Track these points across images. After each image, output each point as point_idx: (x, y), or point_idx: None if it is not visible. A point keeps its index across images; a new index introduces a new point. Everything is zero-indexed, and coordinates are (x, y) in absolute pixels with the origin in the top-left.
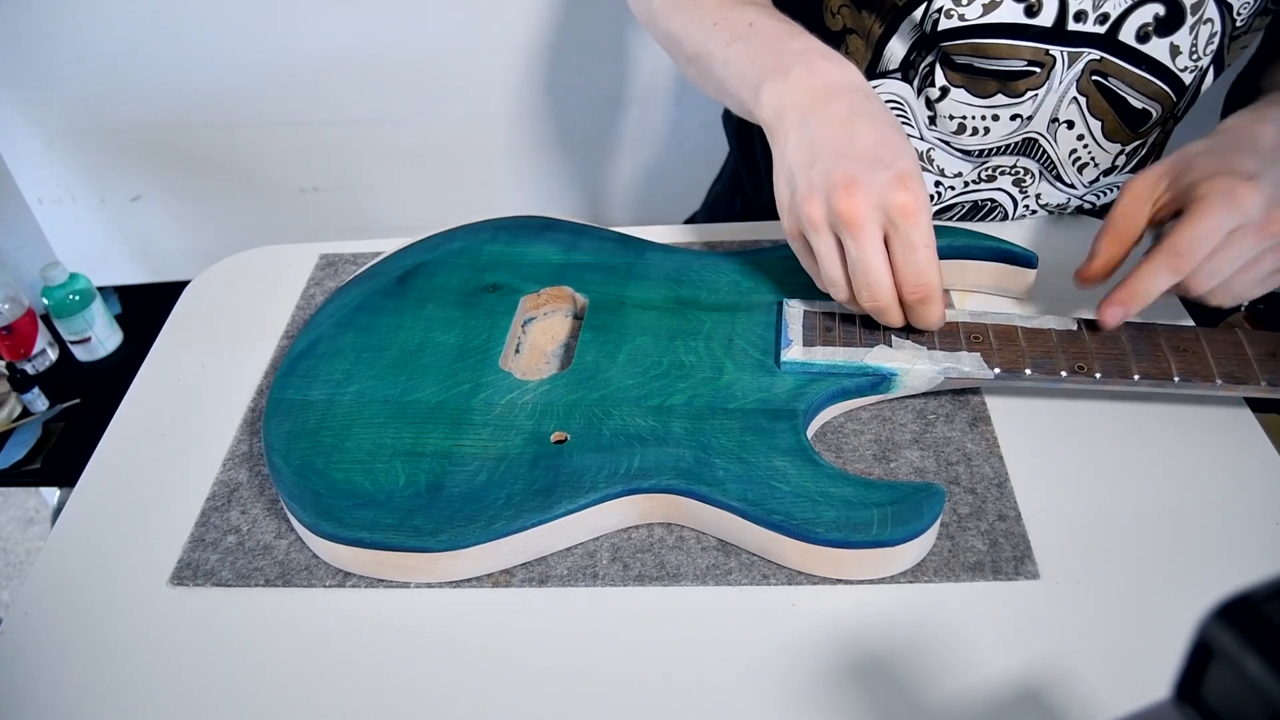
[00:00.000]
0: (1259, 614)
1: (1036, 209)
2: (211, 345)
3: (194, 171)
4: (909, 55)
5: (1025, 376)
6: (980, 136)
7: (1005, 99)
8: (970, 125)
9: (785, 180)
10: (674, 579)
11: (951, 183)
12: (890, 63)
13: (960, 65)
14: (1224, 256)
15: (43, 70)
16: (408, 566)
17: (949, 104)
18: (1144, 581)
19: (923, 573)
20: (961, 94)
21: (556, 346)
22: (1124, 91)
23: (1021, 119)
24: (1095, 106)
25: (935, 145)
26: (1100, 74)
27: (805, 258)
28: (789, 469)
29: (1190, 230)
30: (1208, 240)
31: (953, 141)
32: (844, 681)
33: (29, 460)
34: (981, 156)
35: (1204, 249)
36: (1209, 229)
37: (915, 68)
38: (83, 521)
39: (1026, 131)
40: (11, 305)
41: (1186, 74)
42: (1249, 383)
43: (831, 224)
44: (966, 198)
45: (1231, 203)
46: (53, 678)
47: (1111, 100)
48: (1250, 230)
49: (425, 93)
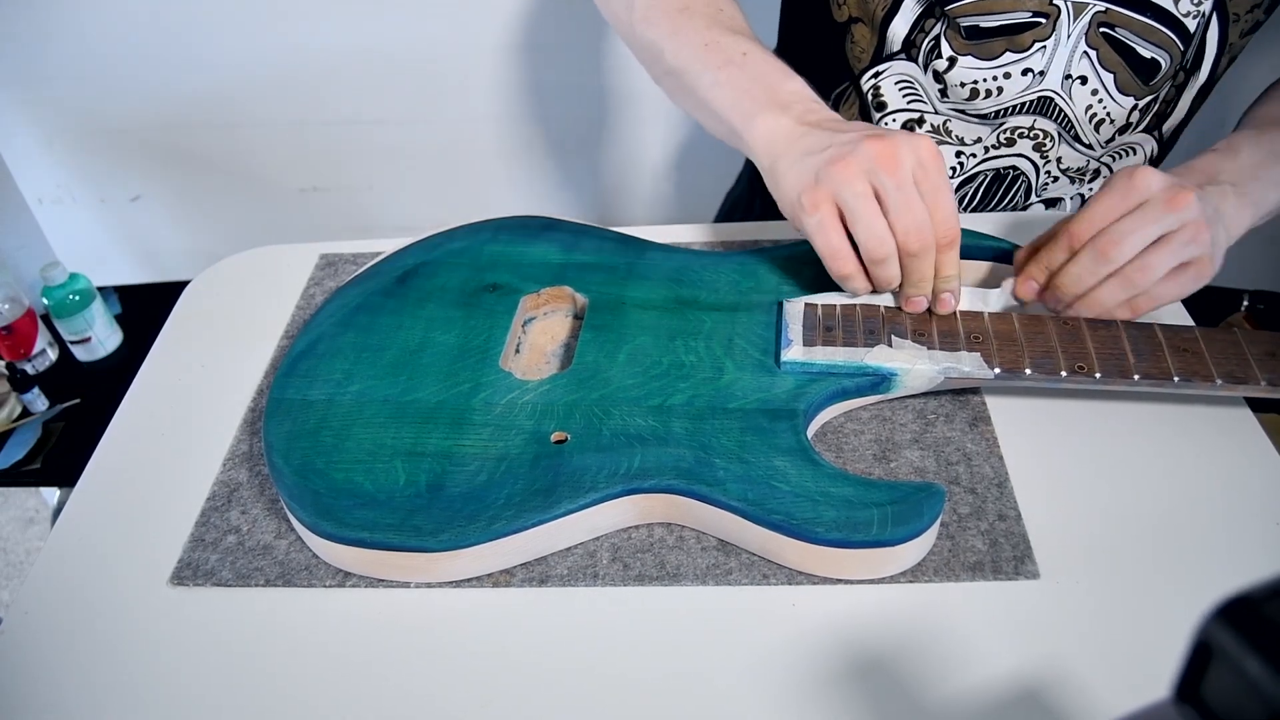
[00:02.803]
0: (1259, 614)
1: (1058, 175)
2: (211, 345)
3: (194, 171)
4: (911, 33)
5: (1025, 376)
6: (995, 98)
7: (1013, 55)
8: (983, 89)
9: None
10: (674, 579)
11: (973, 149)
12: (893, 44)
13: (966, 29)
14: (1127, 230)
15: (43, 70)
16: (408, 566)
17: (958, 72)
18: (1144, 581)
19: (923, 573)
20: (969, 60)
21: (557, 346)
22: (1132, 41)
23: (1033, 74)
24: (1106, 59)
25: (950, 117)
26: (1108, 25)
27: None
28: (789, 469)
29: (1084, 211)
30: (1104, 218)
31: (967, 109)
32: (844, 681)
33: (29, 460)
34: (999, 118)
35: (1099, 224)
36: (1102, 206)
37: (918, 45)
38: (83, 521)
39: (1041, 89)
40: (11, 305)
41: (1190, 19)
42: (1249, 382)
43: (868, 171)
44: (989, 165)
45: (1128, 183)
46: (53, 678)
47: (1121, 51)
48: (1154, 207)
49: (425, 93)
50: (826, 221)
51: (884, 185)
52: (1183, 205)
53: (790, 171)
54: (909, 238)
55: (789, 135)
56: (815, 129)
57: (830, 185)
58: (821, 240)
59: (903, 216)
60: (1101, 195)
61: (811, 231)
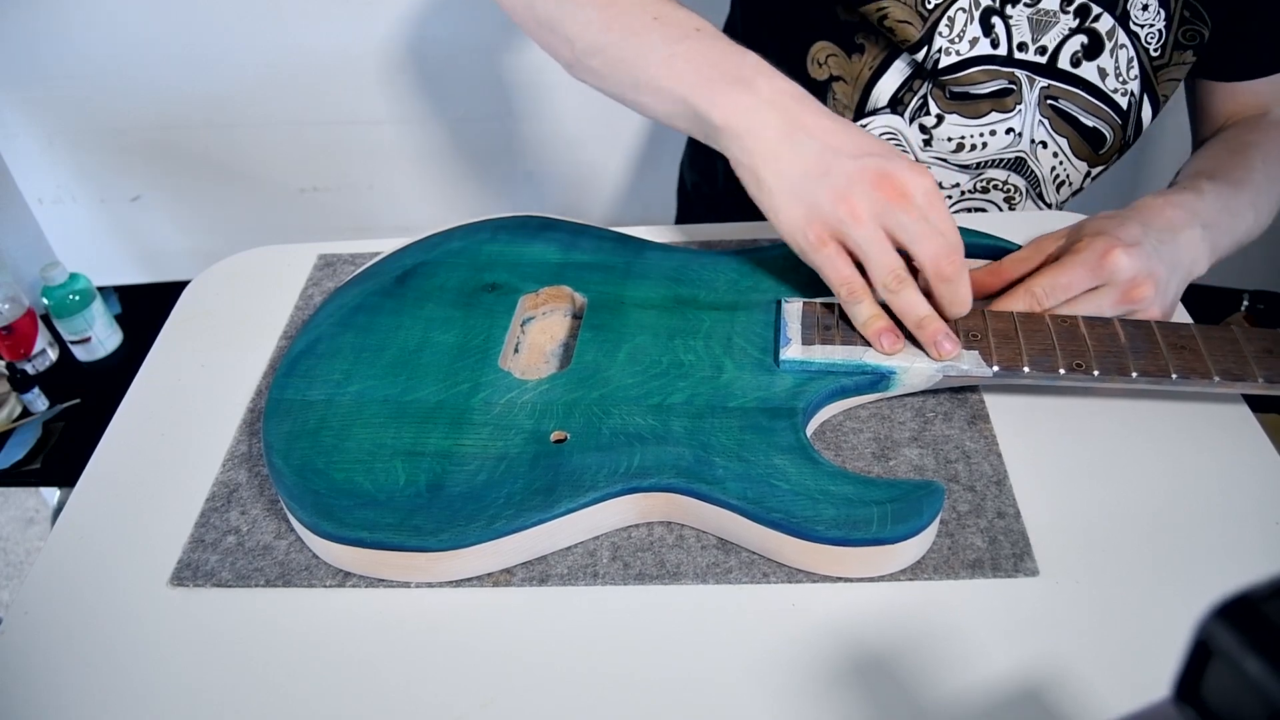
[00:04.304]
0: (1258, 613)
1: None
2: (211, 345)
3: (194, 171)
4: (898, 92)
5: (1024, 374)
6: (978, 151)
7: (999, 115)
8: (968, 143)
9: (792, 195)
10: (674, 577)
11: (949, 192)
12: (878, 101)
13: (954, 94)
14: (1079, 306)
15: (43, 70)
16: (408, 566)
17: (946, 129)
18: (1143, 579)
19: (922, 570)
20: (955, 118)
21: (556, 346)
22: (1074, 112)
23: (1014, 133)
24: (1057, 127)
25: (932, 164)
26: (1053, 97)
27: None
28: (788, 467)
29: (1054, 277)
30: (1066, 290)
31: (950, 159)
32: (844, 679)
33: (29, 460)
34: (979, 169)
35: (1060, 297)
36: (1070, 280)
37: (905, 102)
38: (83, 521)
39: (1018, 149)
40: (11, 305)
41: (1118, 95)
42: (1246, 379)
43: (877, 214)
44: (962, 205)
45: (1100, 263)
46: (53, 678)
47: (1068, 120)
48: (1112, 291)
49: (425, 93)
50: (835, 256)
51: (899, 224)
52: (1140, 299)
53: (787, 196)
54: (940, 263)
55: (772, 132)
56: (799, 130)
57: (836, 225)
58: (833, 273)
59: (928, 244)
60: (1073, 264)
61: (821, 264)
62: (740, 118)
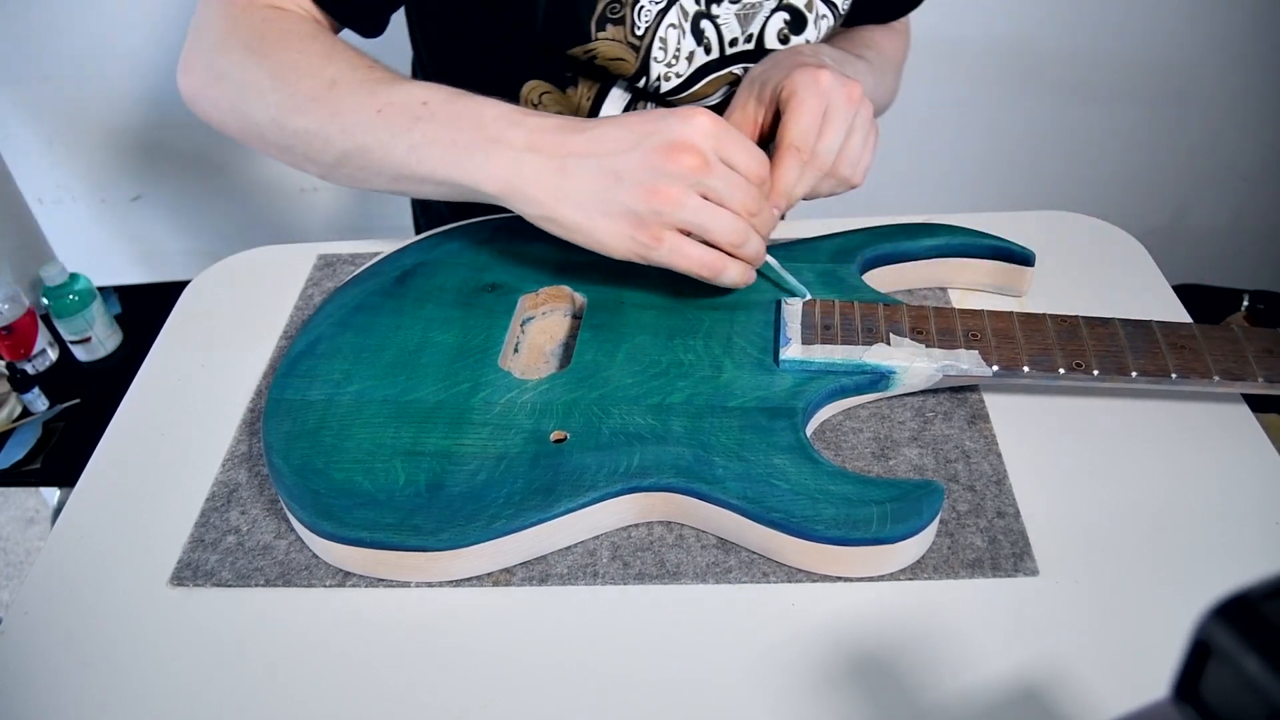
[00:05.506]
0: (1257, 613)
1: None
2: (211, 345)
3: (194, 171)
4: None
5: (1023, 374)
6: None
7: None
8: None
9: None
10: (674, 577)
11: None
12: None
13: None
14: (829, 132)
15: (43, 70)
16: (408, 566)
17: None
18: (1143, 579)
19: (922, 570)
20: None
21: (555, 346)
22: None
23: None
24: None
25: None
26: None
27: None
28: (788, 467)
29: (797, 123)
30: (813, 125)
31: None
32: (844, 679)
33: (29, 460)
34: None
35: (813, 133)
36: (811, 115)
37: None
38: (83, 521)
39: None
40: (11, 305)
41: None
42: (1246, 379)
43: (689, 185)
44: None
45: (817, 87)
46: (53, 678)
47: None
48: (839, 103)
49: None
50: (679, 244)
51: (708, 189)
52: (858, 98)
53: (596, 220)
54: (749, 206)
55: (545, 176)
56: (568, 159)
57: (663, 218)
58: (684, 261)
59: (737, 196)
60: (801, 107)
61: (668, 260)
62: (508, 178)
